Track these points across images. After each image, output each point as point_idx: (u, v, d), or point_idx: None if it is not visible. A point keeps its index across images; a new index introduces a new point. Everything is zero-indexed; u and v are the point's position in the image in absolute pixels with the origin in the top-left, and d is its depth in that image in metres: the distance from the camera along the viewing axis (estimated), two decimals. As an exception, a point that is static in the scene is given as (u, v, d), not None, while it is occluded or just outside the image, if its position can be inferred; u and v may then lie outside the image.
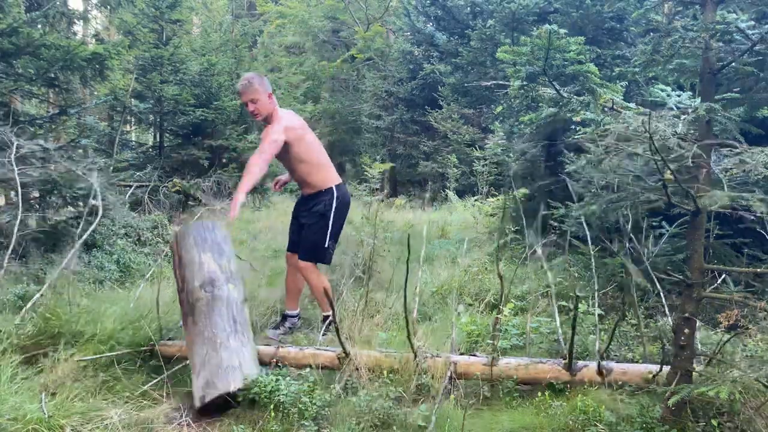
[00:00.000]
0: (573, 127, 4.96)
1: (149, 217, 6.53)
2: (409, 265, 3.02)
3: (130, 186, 7.38)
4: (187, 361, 3.06)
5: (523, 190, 6.11)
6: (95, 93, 8.79)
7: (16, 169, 4.30)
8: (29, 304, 3.40)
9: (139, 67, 7.87)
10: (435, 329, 3.66)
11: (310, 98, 14.75)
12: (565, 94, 3.29)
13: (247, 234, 7.11)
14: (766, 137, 3.44)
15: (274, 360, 3.12)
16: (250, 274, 4.67)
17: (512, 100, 5.89)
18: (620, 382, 2.88)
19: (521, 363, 3.01)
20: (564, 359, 2.99)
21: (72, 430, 2.48)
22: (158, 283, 3.65)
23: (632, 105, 3.04)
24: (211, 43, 9.27)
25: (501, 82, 5.96)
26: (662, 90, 2.83)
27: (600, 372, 2.90)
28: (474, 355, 3.13)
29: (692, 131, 2.72)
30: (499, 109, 7.27)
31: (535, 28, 3.49)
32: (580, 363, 2.97)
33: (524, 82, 3.63)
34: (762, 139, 3.20)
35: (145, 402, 2.80)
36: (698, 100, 2.69)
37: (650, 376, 2.81)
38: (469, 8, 9.42)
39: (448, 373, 2.97)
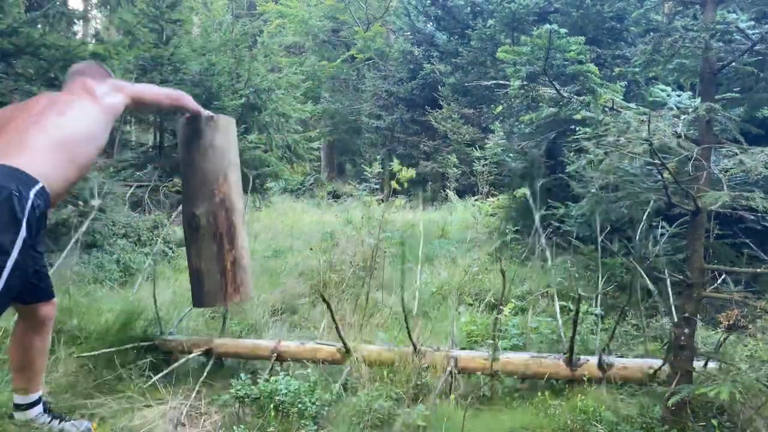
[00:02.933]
0: (573, 127, 4.97)
1: (149, 217, 6.53)
2: (408, 264, 3.02)
3: (130, 186, 7.37)
4: (189, 356, 3.09)
5: (523, 190, 6.11)
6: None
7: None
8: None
9: (139, 67, 7.86)
10: (435, 328, 3.66)
11: (310, 98, 14.75)
12: (565, 94, 3.29)
13: (246, 234, 7.10)
14: (766, 137, 3.44)
15: (275, 354, 3.12)
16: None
17: (512, 100, 5.88)
18: (620, 381, 2.88)
19: (522, 358, 3.01)
20: (565, 354, 2.98)
21: (72, 429, 2.48)
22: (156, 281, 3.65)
23: (632, 105, 3.04)
24: (211, 43, 9.25)
25: (501, 82, 5.95)
26: (662, 90, 2.83)
27: (601, 366, 2.89)
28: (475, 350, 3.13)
29: (692, 131, 2.73)
30: (499, 109, 7.27)
31: (535, 28, 3.49)
32: (581, 358, 2.96)
33: (524, 82, 3.63)
34: (762, 139, 3.20)
35: (145, 399, 2.80)
36: (698, 100, 2.70)
37: (651, 371, 2.80)
38: (469, 8, 9.42)
39: (449, 368, 2.96)
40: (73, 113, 2.20)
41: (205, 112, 2.88)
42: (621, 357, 3.28)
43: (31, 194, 1.97)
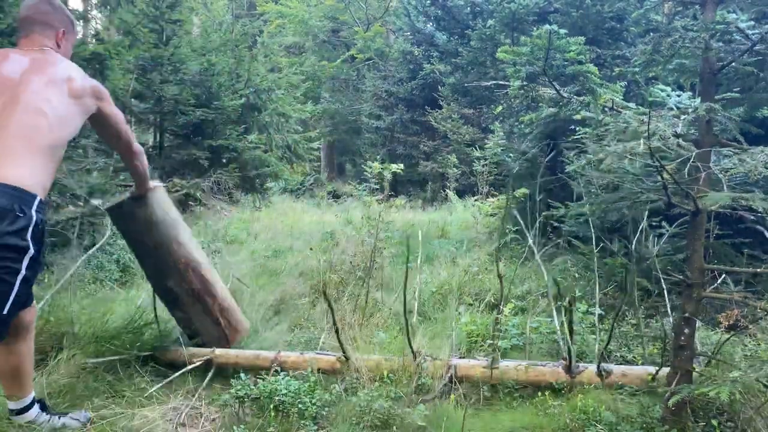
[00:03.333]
0: (573, 127, 4.97)
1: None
2: (408, 266, 3.02)
3: (131, 186, 7.37)
4: (188, 367, 3.09)
5: (523, 190, 6.11)
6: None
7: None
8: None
9: (139, 67, 7.86)
10: (435, 329, 3.66)
11: (310, 98, 14.75)
12: (565, 94, 3.29)
13: (246, 234, 7.11)
14: (766, 137, 3.44)
15: (274, 365, 3.12)
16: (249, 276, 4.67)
17: (512, 100, 5.89)
18: (620, 384, 2.89)
19: (521, 366, 3.02)
20: (564, 360, 2.99)
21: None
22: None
23: (632, 105, 3.04)
24: (211, 43, 9.25)
25: (501, 82, 5.96)
26: (662, 90, 2.83)
27: (600, 374, 2.90)
28: (474, 359, 3.14)
29: (692, 131, 2.73)
30: (499, 109, 7.28)
31: (535, 28, 3.49)
32: (580, 366, 2.97)
33: (524, 82, 3.63)
34: (762, 139, 3.20)
35: (146, 402, 2.80)
36: (698, 100, 2.70)
37: (650, 378, 2.81)
38: (469, 8, 9.43)
39: (448, 376, 2.97)
40: (57, 114, 2.14)
41: (150, 183, 2.89)
42: (621, 358, 3.28)
43: (33, 212, 2.00)
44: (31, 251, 2.00)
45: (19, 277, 1.99)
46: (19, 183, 1.97)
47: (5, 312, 1.98)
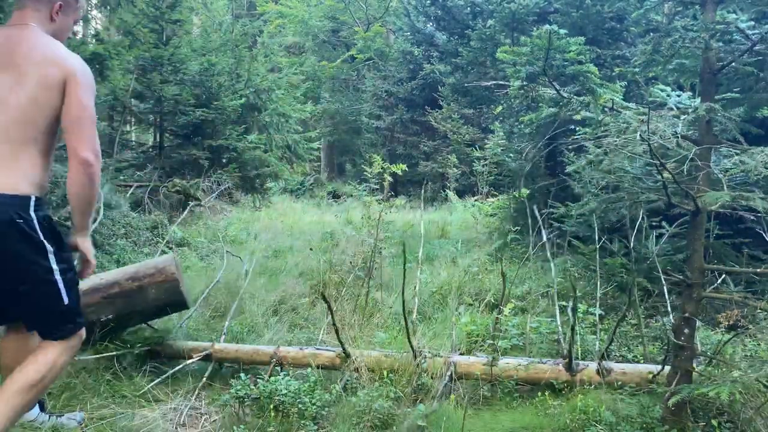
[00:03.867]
0: (573, 127, 4.97)
1: (149, 217, 6.53)
2: (408, 265, 3.02)
3: (130, 186, 7.38)
4: (187, 361, 3.08)
5: (524, 190, 6.11)
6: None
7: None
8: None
9: (139, 67, 7.87)
10: (435, 329, 3.66)
11: (310, 98, 14.75)
12: (565, 94, 3.29)
13: (246, 234, 7.11)
14: (766, 137, 3.44)
15: (274, 360, 3.12)
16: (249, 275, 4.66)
17: (512, 100, 5.88)
18: (620, 383, 2.88)
19: (521, 363, 3.01)
20: (564, 359, 2.99)
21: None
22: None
23: (632, 105, 3.04)
24: (211, 43, 9.26)
25: (501, 82, 5.96)
26: (662, 90, 2.84)
27: (600, 372, 2.90)
28: (474, 355, 3.13)
29: (692, 131, 2.73)
30: (499, 109, 7.28)
31: (535, 28, 3.49)
32: (581, 364, 2.97)
33: (524, 82, 3.63)
34: (762, 139, 3.20)
35: (145, 401, 2.80)
36: (698, 100, 2.70)
37: (650, 376, 2.81)
38: (469, 8, 9.41)
39: (448, 373, 2.97)
40: (30, 99, 1.99)
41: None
42: (622, 357, 3.28)
43: (32, 213, 1.98)
44: (50, 248, 2.01)
45: (57, 274, 2.02)
46: (9, 190, 1.93)
47: (66, 302, 2.06)
